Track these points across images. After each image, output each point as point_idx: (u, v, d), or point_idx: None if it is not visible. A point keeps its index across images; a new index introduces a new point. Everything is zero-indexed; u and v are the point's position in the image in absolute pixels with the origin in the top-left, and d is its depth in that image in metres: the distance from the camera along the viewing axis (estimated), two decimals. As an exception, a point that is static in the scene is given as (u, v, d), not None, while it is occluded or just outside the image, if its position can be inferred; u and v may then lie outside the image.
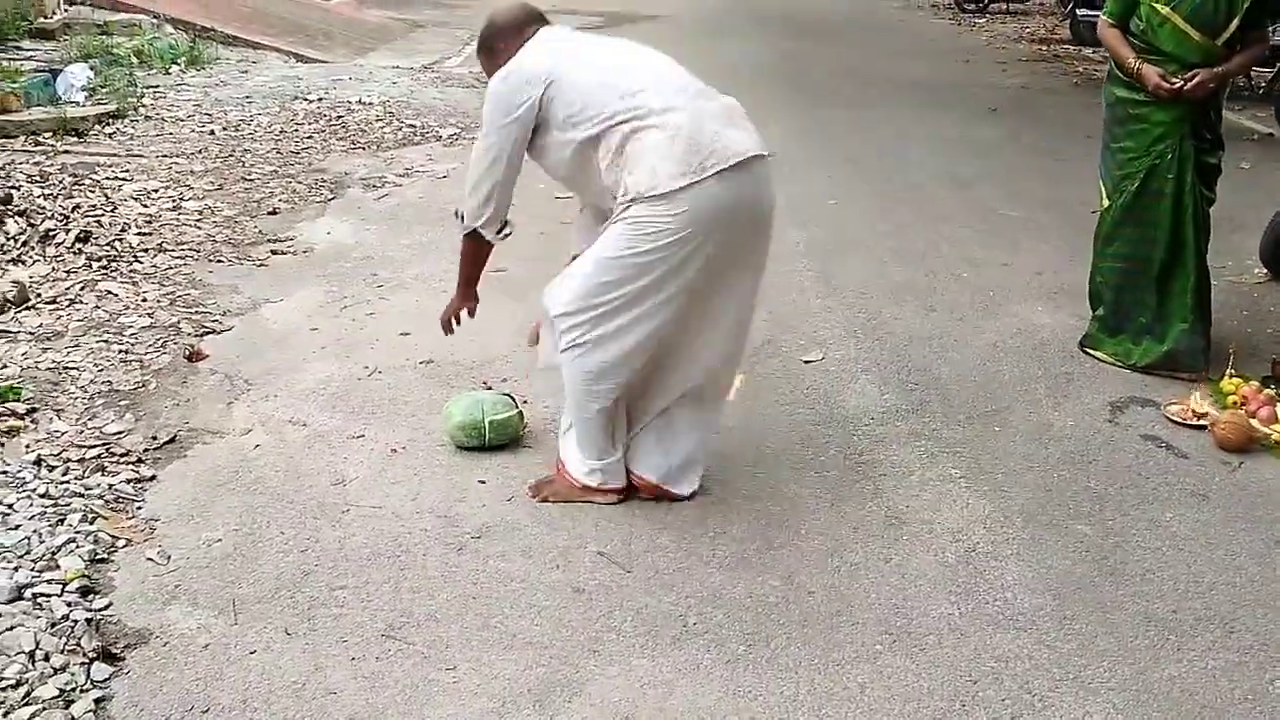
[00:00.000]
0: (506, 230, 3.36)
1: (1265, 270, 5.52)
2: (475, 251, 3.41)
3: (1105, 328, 4.56)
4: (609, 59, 3.24)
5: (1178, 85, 4.15)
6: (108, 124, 7.83)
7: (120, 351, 4.26)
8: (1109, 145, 4.48)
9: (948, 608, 2.95)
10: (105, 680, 2.56)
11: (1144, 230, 4.40)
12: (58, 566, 2.91)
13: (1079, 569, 3.14)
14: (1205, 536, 3.32)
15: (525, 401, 3.86)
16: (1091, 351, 4.57)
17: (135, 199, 6.11)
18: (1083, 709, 2.60)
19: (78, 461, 3.46)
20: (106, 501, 3.26)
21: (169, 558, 3.03)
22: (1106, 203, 4.49)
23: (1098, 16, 13.66)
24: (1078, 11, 13.24)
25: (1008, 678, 2.69)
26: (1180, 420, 3.99)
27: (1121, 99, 4.38)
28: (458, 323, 3.59)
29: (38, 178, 6.14)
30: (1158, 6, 4.19)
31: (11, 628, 2.64)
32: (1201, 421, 3.95)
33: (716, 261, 3.08)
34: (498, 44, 3.25)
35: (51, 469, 3.40)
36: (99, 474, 3.40)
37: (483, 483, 3.48)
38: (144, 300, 4.77)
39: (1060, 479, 3.63)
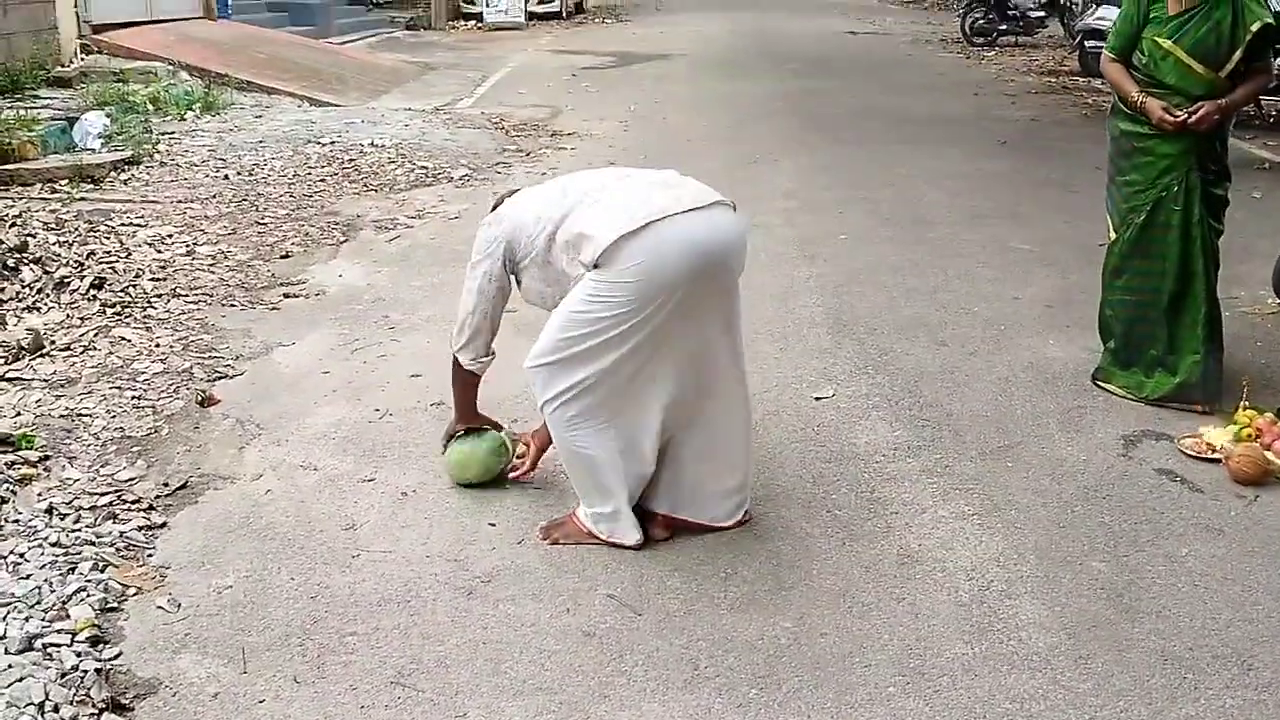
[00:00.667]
0: (487, 359, 3.55)
1: (1278, 300, 5.49)
2: (459, 375, 3.61)
3: (1117, 360, 4.54)
4: (552, 186, 3.48)
5: (1182, 118, 4.16)
6: (123, 170, 7.93)
7: (133, 397, 4.29)
8: (1114, 178, 4.49)
9: (962, 648, 2.92)
10: (114, 731, 2.55)
11: (1153, 262, 4.39)
12: (68, 616, 2.92)
13: (1094, 607, 3.11)
14: (1221, 572, 3.28)
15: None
16: (1104, 385, 4.54)
17: (149, 244, 6.17)
18: (1099, 750, 2.57)
19: (89, 509, 3.47)
20: (117, 549, 3.27)
21: (179, 605, 3.03)
22: (1114, 235, 4.49)
23: (1105, 48, 13.43)
24: (1086, 43, 13.27)
25: (1023, 719, 2.66)
26: (1194, 453, 3.96)
27: (1126, 132, 4.39)
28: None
29: (53, 225, 6.21)
30: (1160, 40, 4.21)
31: (21, 678, 2.64)
32: (1216, 454, 3.92)
33: (680, 311, 3.13)
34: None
35: (63, 517, 3.41)
36: (110, 521, 3.41)
37: (493, 525, 3.48)
38: (157, 346, 4.80)
39: (1074, 515, 3.60)
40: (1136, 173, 4.37)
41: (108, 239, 6.11)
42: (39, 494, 3.53)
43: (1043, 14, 18.35)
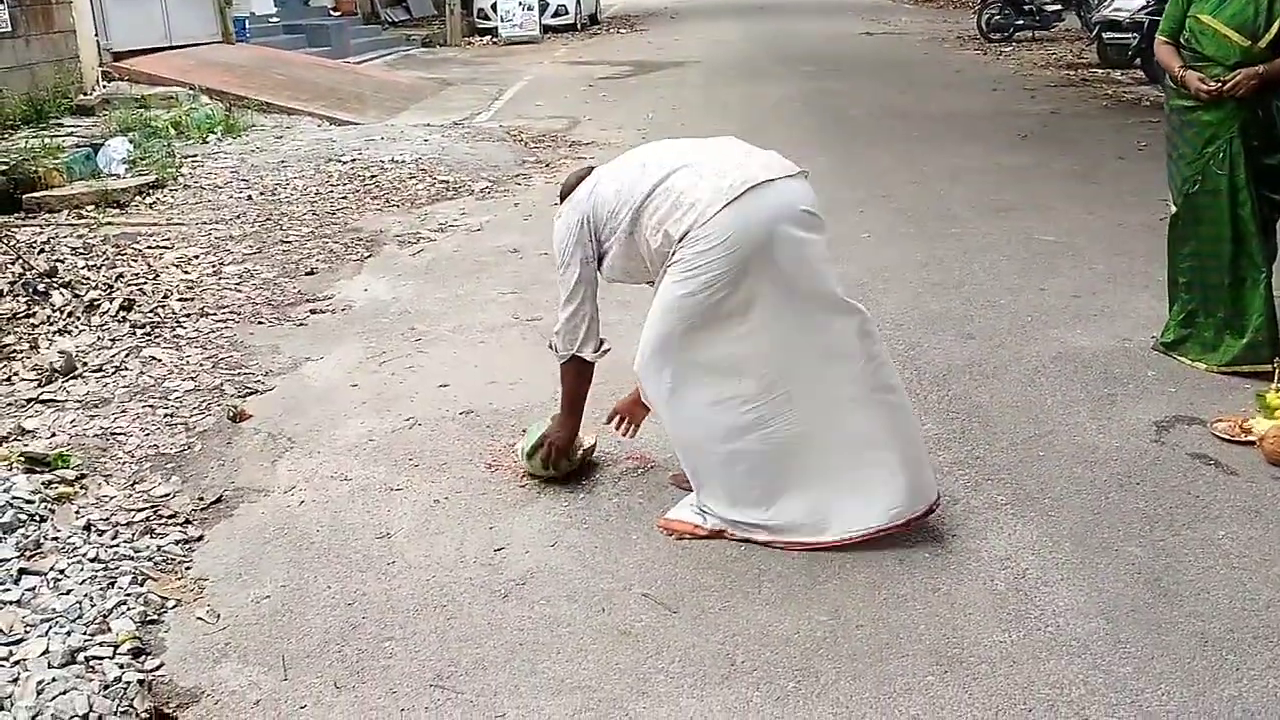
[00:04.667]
0: (605, 348, 3.56)
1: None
2: (577, 375, 3.61)
3: (1192, 327, 4.65)
4: (629, 161, 3.45)
5: (1215, 87, 4.31)
6: (148, 194, 8.00)
7: (165, 415, 4.33)
8: (1171, 154, 4.65)
9: (999, 635, 2.91)
10: (158, 740, 2.57)
11: (1208, 228, 4.53)
12: (109, 629, 2.95)
13: (1131, 591, 3.09)
14: (1259, 553, 3.26)
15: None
16: (1177, 356, 4.67)
17: (176, 266, 6.23)
18: (1142, 734, 2.55)
19: (126, 525, 3.50)
20: (155, 563, 3.30)
21: (218, 616, 3.06)
22: (1174, 208, 4.65)
23: (1124, 40, 13.54)
24: (1104, 35, 13.21)
25: (1063, 705, 2.65)
26: (1228, 437, 3.93)
27: (1175, 107, 4.58)
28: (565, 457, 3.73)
29: (81, 250, 6.28)
30: (1201, 16, 4.41)
31: (65, 691, 2.66)
32: (1249, 437, 3.89)
33: (772, 286, 3.17)
34: (566, 198, 3.52)
35: (101, 533, 3.44)
36: (147, 536, 3.44)
37: (525, 529, 3.49)
38: (187, 364, 4.85)
39: (1109, 501, 3.58)
40: (1186, 145, 4.54)
41: (135, 262, 6.17)
42: (77, 511, 3.57)
43: (1059, 7, 18.30)
